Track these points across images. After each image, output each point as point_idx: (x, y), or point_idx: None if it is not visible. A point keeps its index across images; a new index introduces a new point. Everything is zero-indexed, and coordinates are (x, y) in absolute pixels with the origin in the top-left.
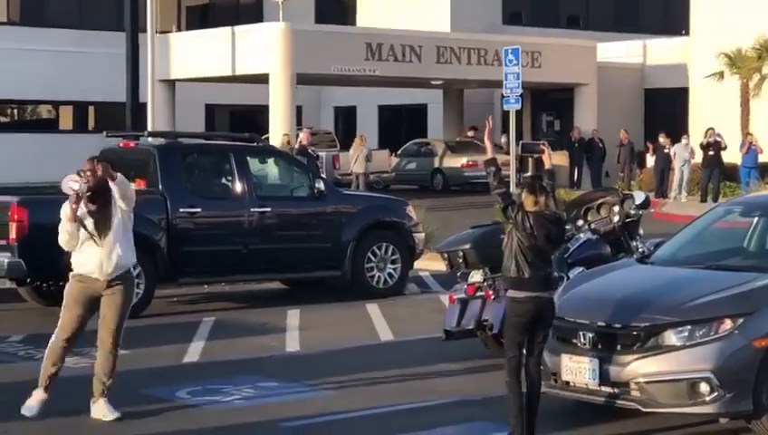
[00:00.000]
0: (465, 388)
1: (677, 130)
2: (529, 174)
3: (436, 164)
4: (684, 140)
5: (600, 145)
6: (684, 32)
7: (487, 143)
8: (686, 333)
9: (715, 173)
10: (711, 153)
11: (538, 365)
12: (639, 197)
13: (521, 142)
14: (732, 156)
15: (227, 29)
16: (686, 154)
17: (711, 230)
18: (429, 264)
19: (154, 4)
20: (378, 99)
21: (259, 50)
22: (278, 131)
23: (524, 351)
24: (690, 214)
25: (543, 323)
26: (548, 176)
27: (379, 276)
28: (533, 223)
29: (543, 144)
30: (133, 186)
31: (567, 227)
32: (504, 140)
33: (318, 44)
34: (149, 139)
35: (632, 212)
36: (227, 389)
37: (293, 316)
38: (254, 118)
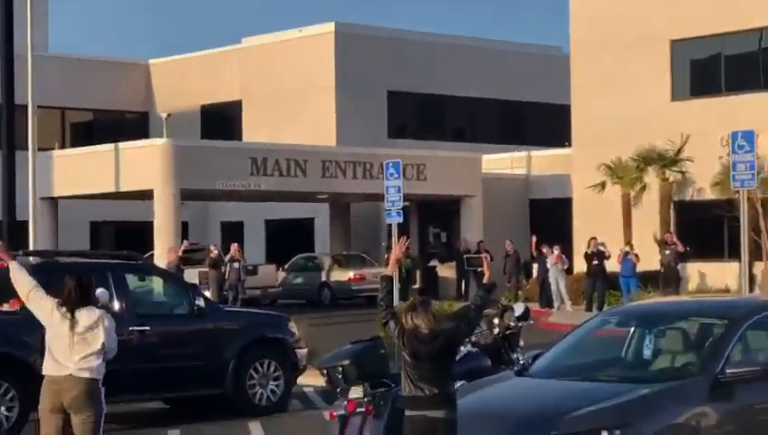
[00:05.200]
0: None
1: (562, 239)
2: (417, 286)
3: (323, 278)
4: (555, 251)
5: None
6: (566, 143)
7: (392, 259)
8: None
9: (599, 282)
10: (595, 262)
11: None
12: (519, 308)
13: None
14: (615, 265)
15: (110, 145)
16: (558, 265)
17: (589, 340)
18: (313, 380)
19: (35, 121)
20: (265, 213)
21: (142, 166)
22: (163, 247)
23: None
24: (574, 323)
25: None
26: (485, 289)
27: (261, 393)
28: (406, 340)
29: (484, 257)
30: (6, 306)
31: None
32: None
33: (202, 160)
34: (26, 258)
35: (512, 324)
36: None
37: None
38: (141, 234)
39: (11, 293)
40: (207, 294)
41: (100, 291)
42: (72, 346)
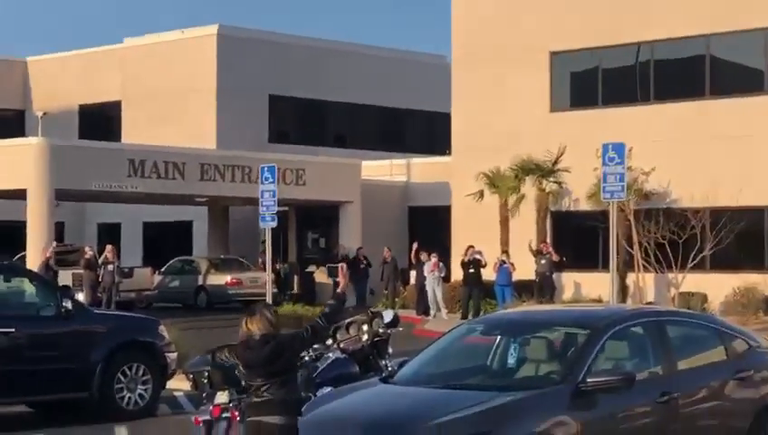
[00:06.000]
0: None
1: (441, 247)
2: (293, 291)
3: (200, 281)
4: (433, 258)
5: (364, 263)
6: (447, 151)
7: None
8: None
9: (475, 291)
10: (471, 271)
11: None
12: (388, 315)
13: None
14: (491, 274)
15: None
16: (435, 272)
17: (455, 348)
18: (183, 384)
19: None
20: (143, 215)
21: (16, 165)
22: (36, 248)
23: None
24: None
25: None
26: (337, 298)
27: (129, 397)
28: (238, 353)
29: (341, 267)
30: None
31: (316, 346)
32: (260, 260)
33: (78, 160)
34: None
35: (381, 331)
36: None
37: None
38: (15, 234)
39: None
40: (81, 296)
41: None
42: None
